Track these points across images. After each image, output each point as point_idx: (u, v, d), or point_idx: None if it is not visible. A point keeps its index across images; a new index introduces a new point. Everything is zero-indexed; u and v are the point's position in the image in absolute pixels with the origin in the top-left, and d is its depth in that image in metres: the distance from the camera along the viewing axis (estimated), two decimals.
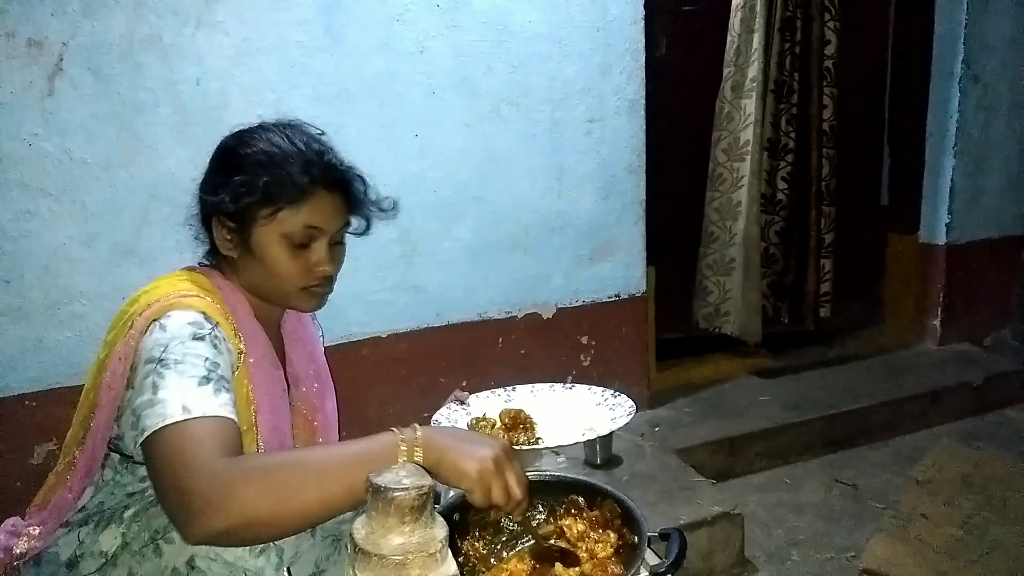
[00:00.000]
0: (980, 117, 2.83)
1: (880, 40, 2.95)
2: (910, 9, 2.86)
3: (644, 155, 2.24)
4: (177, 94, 1.72)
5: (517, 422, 1.25)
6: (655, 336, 2.51)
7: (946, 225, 2.89)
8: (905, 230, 3.02)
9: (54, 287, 1.68)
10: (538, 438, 1.25)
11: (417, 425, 0.99)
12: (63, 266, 1.68)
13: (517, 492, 0.98)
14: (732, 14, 2.44)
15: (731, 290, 2.62)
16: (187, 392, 0.98)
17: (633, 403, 1.30)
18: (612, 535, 1.10)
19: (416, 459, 0.94)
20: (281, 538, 0.98)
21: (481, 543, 1.19)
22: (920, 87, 2.86)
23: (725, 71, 2.51)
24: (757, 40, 2.42)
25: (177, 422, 0.94)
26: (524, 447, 1.22)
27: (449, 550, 0.78)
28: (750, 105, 2.50)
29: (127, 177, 1.70)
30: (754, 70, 2.45)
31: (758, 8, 2.43)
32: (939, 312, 2.98)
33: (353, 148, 1.84)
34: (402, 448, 0.95)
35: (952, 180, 2.84)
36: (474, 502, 0.96)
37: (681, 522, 1.79)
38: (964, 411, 2.68)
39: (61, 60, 1.62)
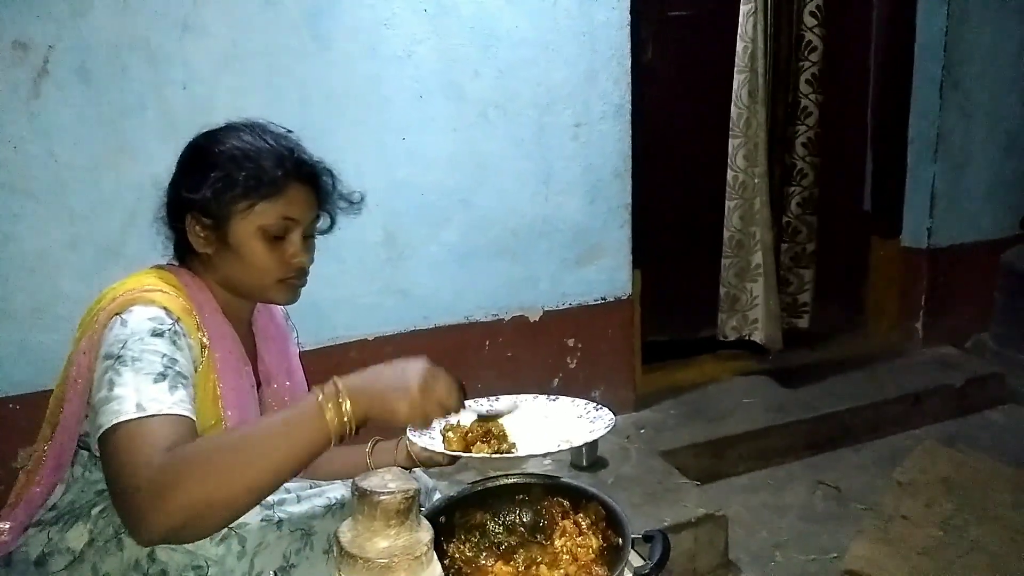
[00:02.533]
0: (961, 123, 2.87)
1: (863, 47, 2.99)
2: (893, 18, 2.90)
3: (630, 159, 2.26)
4: (164, 97, 1.72)
5: (487, 433, 1.25)
6: (641, 338, 2.53)
7: (928, 229, 2.93)
8: (888, 234, 3.06)
9: (39, 290, 1.68)
10: (512, 444, 1.26)
11: (336, 378, 1.01)
12: (48, 269, 1.68)
13: (451, 402, 1.05)
14: (743, 18, 2.39)
15: (758, 296, 2.61)
16: (142, 389, 0.98)
17: (614, 416, 1.30)
18: (594, 539, 1.11)
19: (345, 413, 0.97)
20: (234, 519, 0.96)
21: (467, 546, 1.20)
22: (902, 94, 2.90)
23: (738, 77, 2.46)
24: (767, 45, 2.42)
25: (131, 419, 0.94)
26: (495, 456, 1.23)
27: (434, 553, 0.79)
28: (761, 110, 2.49)
29: (113, 180, 1.70)
30: (763, 75, 2.45)
31: (769, 14, 2.42)
32: (921, 315, 3.02)
33: (341, 152, 1.85)
34: (328, 407, 0.97)
35: (933, 185, 2.88)
36: (416, 428, 1.01)
37: (666, 524, 1.81)
38: (945, 413, 2.71)
39: (47, 62, 1.62)
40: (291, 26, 1.81)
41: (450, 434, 1.23)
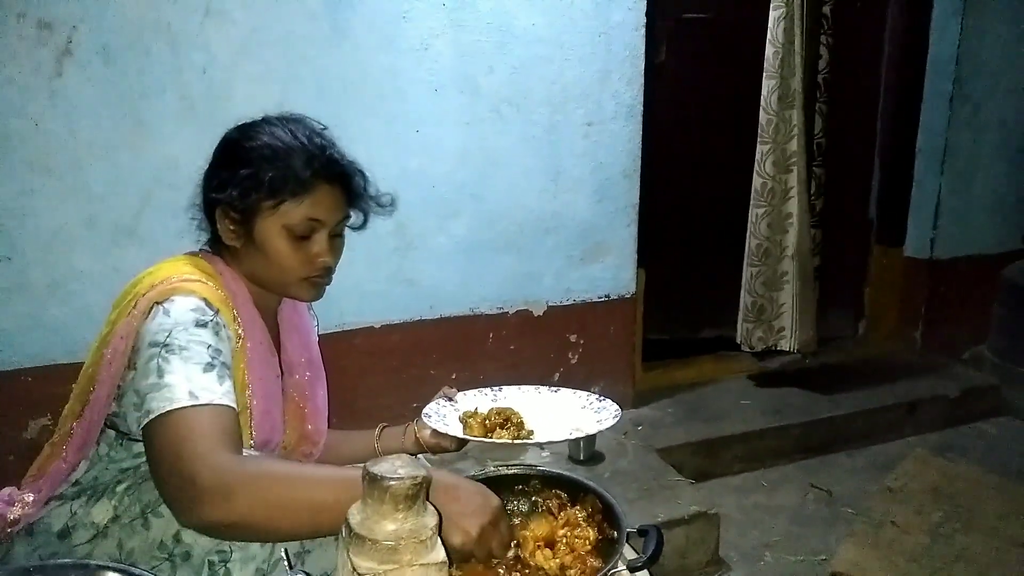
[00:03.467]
0: (969, 136, 2.89)
1: (874, 59, 3.00)
2: (906, 31, 2.91)
3: (640, 160, 2.29)
4: (183, 81, 1.74)
5: (507, 420, 1.29)
6: (642, 337, 2.56)
7: (931, 240, 2.95)
8: (891, 243, 3.08)
9: (54, 266, 1.71)
10: (530, 431, 1.30)
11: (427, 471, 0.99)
12: (64, 245, 1.71)
13: (498, 554, 1.00)
14: (773, 24, 2.39)
15: (784, 303, 2.62)
16: (193, 378, 1.01)
17: (618, 407, 1.35)
18: (591, 531, 1.15)
19: None
20: (272, 541, 1.03)
21: None
22: (912, 105, 2.92)
23: (768, 82, 2.46)
24: (799, 50, 2.43)
25: (184, 407, 0.98)
26: (516, 441, 1.27)
27: (439, 538, 0.82)
28: (795, 116, 2.49)
29: (131, 160, 1.73)
30: (796, 81, 2.45)
31: (797, 18, 2.42)
32: (921, 325, 3.05)
33: (355, 142, 1.87)
34: None
35: (939, 197, 2.90)
36: (454, 548, 0.94)
37: (659, 519, 1.85)
38: (939, 423, 2.74)
39: (70, 43, 1.64)
40: (311, 16, 1.83)
41: (471, 420, 1.27)
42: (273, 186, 1.16)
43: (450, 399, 1.43)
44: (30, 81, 1.62)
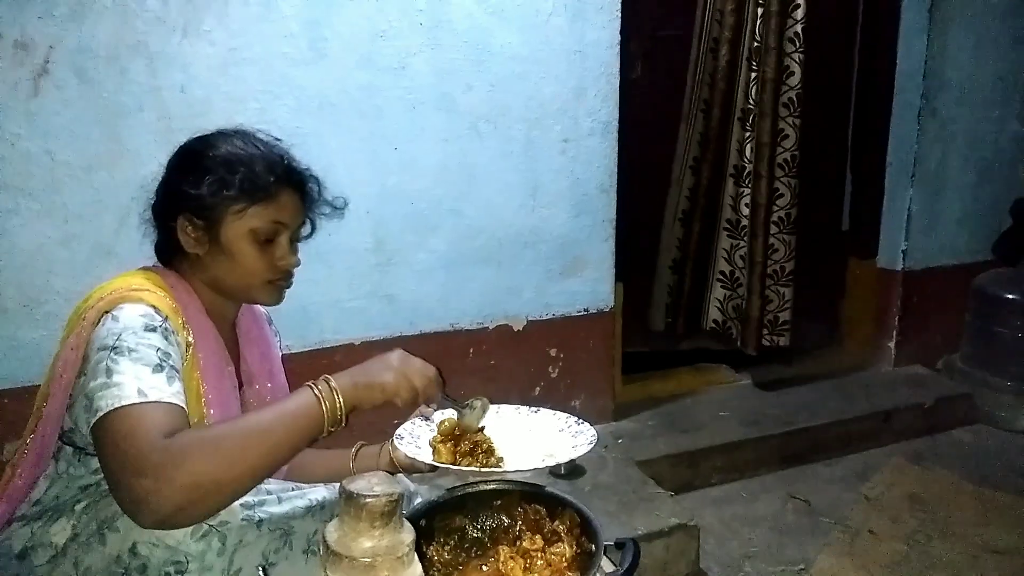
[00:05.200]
0: (938, 149, 2.95)
1: (845, 73, 3.06)
2: (874, 46, 2.98)
3: (616, 175, 2.31)
4: (161, 100, 1.75)
5: (475, 445, 1.29)
6: (621, 350, 2.58)
7: (903, 252, 3.00)
8: (864, 255, 3.13)
9: (31, 286, 1.70)
10: (500, 458, 1.30)
11: (328, 376, 1.15)
12: (41, 265, 1.70)
13: (430, 372, 1.24)
14: (720, 43, 2.48)
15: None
16: (142, 377, 1.02)
17: (595, 432, 1.35)
18: (566, 546, 1.16)
19: (337, 400, 1.11)
20: (235, 499, 1.03)
21: (446, 549, 1.24)
22: (882, 119, 2.98)
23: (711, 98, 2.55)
24: (742, 69, 2.49)
25: (132, 404, 0.99)
26: (483, 469, 1.27)
27: (415, 554, 0.83)
28: (734, 130, 2.55)
29: (108, 180, 1.73)
30: (739, 96, 2.51)
31: (724, 36, 2.50)
32: (894, 335, 3.09)
33: (333, 160, 1.91)
34: (325, 403, 1.11)
35: (910, 209, 2.96)
36: (403, 403, 1.19)
37: (639, 532, 1.86)
38: (915, 431, 2.78)
39: (47, 62, 1.64)
40: (288, 34, 1.84)
41: (440, 446, 1.27)
42: (242, 189, 1.21)
43: (427, 418, 1.43)
44: (6, 101, 1.62)
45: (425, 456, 1.28)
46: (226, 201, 1.21)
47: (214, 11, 1.76)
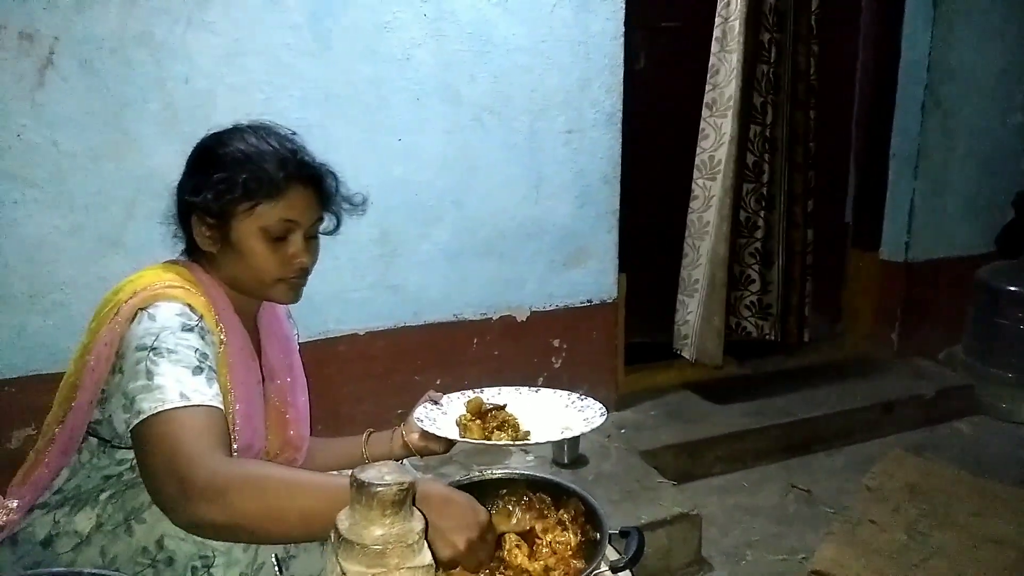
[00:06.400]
0: (941, 142, 2.95)
1: (850, 66, 3.06)
2: (879, 39, 2.98)
3: (619, 166, 2.32)
4: (166, 91, 1.75)
5: (503, 422, 1.32)
6: (624, 340, 2.58)
7: (906, 244, 3.01)
8: (867, 247, 3.13)
9: (37, 276, 1.71)
10: (527, 432, 1.33)
11: (417, 479, 0.99)
12: (47, 255, 1.70)
13: (481, 568, 1.03)
14: (714, 34, 2.48)
15: (692, 311, 2.60)
16: (183, 380, 1.03)
17: (602, 405, 1.38)
18: (571, 535, 1.17)
19: None
20: (262, 543, 1.05)
21: None
22: (886, 112, 2.98)
23: (706, 90, 2.52)
24: (735, 61, 2.48)
25: (176, 407, 1.00)
26: (516, 442, 1.31)
27: (425, 542, 0.84)
28: (725, 124, 2.53)
29: (114, 170, 1.73)
30: (731, 90, 2.51)
31: (737, 29, 2.48)
32: (897, 326, 3.10)
33: (338, 151, 1.90)
34: None
35: (913, 201, 2.96)
36: (442, 561, 0.96)
37: (642, 521, 1.87)
38: (916, 422, 2.79)
39: (52, 53, 1.64)
40: (293, 26, 1.84)
41: (471, 424, 1.29)
42: (247, 188, 1.19)
43: (436, 402, 1.45)
44: (12, 92, 1.62)
45: (452, 435, 1.31)
46: (233, 200, 1.19)
47: (219, 2, 1.76)
